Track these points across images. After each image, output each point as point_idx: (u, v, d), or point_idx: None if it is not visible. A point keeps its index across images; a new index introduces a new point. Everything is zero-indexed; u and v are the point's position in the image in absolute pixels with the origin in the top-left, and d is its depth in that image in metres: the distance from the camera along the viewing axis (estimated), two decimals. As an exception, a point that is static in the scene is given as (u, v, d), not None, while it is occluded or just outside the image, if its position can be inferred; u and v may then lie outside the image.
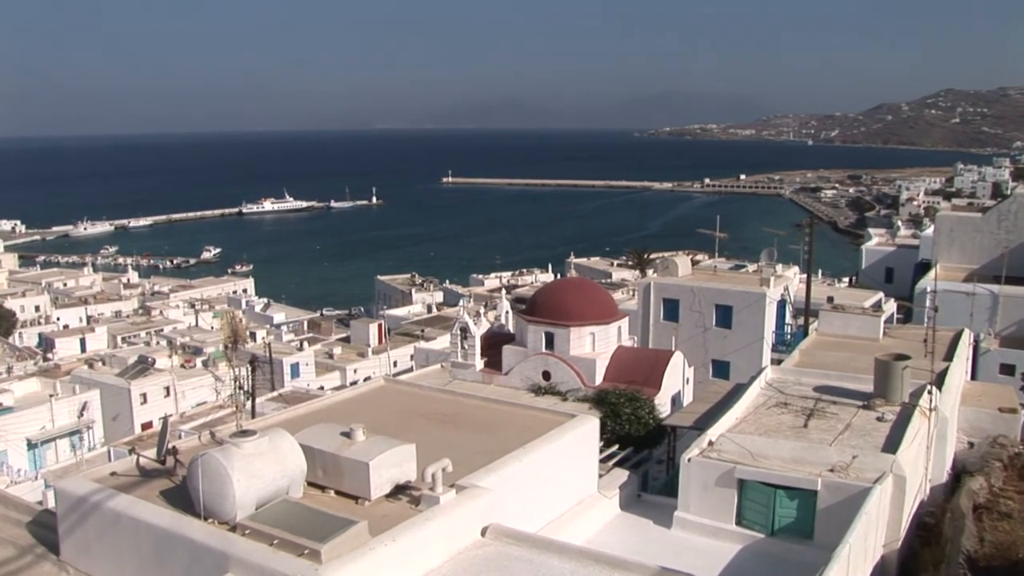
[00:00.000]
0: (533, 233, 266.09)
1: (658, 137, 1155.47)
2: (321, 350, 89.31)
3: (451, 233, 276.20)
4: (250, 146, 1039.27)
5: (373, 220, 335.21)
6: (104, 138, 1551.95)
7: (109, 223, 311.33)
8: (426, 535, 15.92)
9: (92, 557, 17.70)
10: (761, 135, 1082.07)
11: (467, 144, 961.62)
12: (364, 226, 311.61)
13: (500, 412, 24.97)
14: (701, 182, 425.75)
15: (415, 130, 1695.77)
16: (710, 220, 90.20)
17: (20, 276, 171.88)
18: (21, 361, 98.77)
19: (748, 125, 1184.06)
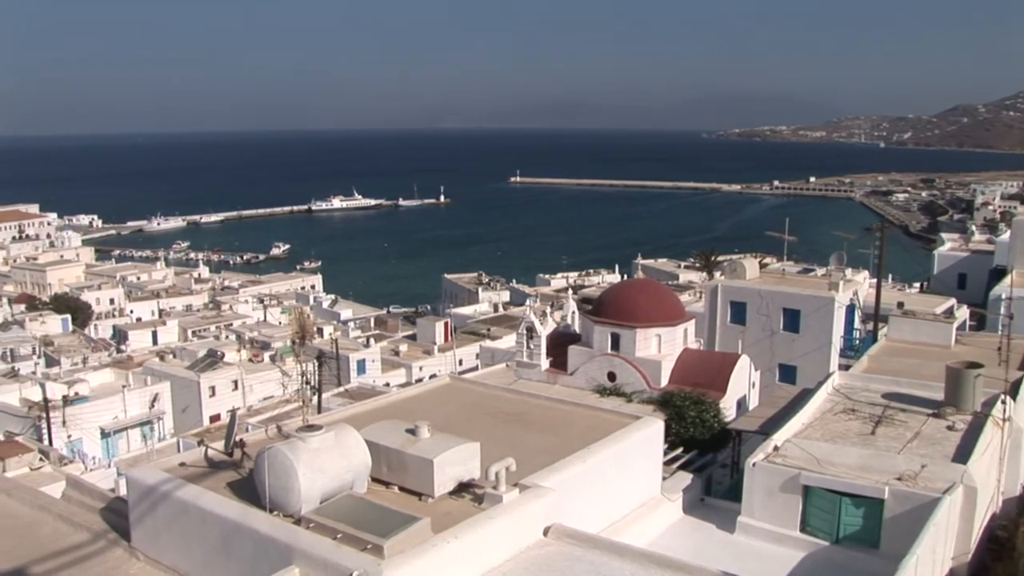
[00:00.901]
0: (600, 233, 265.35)
1: (727, 138, 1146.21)
2: (387, 347, 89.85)
3: (518, 232, 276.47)
4: (320, 144, 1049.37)
5: (441, 219, 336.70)
6: (177, 135, 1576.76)
7: (181, 219, 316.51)
8: (488, 533, 15.97)
9: (161, 545, 18.03)
10: (832, 137, 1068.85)
11: (534, 144, 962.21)
12: (432, 224, 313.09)
13: (565, 412, 24.95)
14: (770, 184, 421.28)
15: (483, 129, 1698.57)
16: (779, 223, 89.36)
17: (96, 269, 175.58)
18: (96, 352, 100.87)
19: (819, 127, 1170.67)
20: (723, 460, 34.39)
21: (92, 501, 21.31)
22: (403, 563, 14.28)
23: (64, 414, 66.33)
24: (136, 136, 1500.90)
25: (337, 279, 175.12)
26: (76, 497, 21.75)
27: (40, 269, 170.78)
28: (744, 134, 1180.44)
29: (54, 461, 43.28)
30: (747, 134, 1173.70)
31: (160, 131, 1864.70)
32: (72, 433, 66.41)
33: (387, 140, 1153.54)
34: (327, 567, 14.57)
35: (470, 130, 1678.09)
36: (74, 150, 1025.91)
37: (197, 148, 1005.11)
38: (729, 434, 33.78)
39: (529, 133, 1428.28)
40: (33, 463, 40.70)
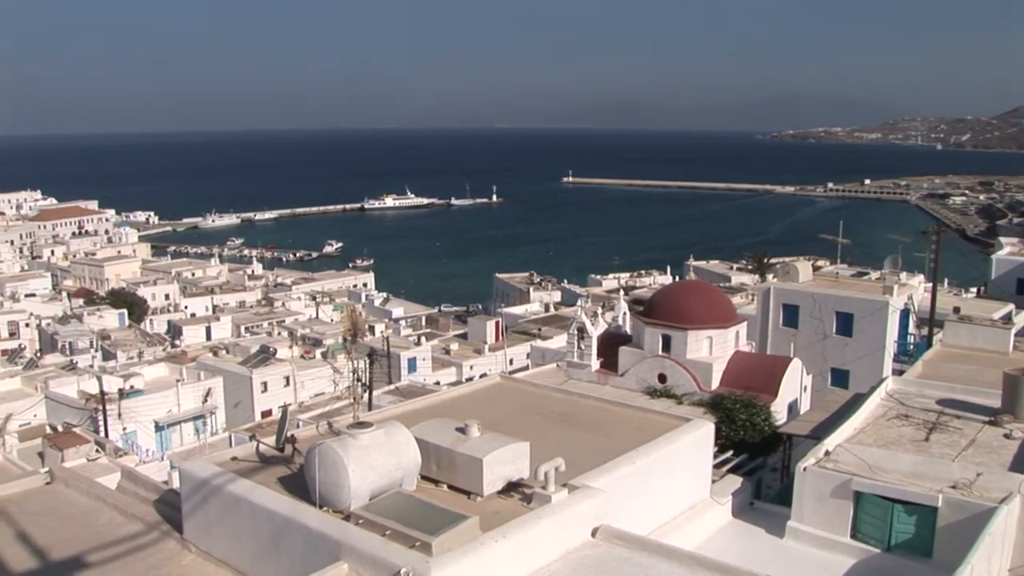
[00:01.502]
0: (652, 234, 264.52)
1: (781, 140, 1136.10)
2: (438, 345, 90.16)
3: (570, 233, 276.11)
4: (374, 143, 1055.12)
5: (493, 218, 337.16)
6: (232, 133, 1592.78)
7: (236, 216, 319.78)
8: (537, 533, 15.99)
9: (212, 537, 18.26)
10: (888, 139, 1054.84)
11: (587, 144, 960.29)
12: (484, 224, 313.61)
13: (614, 413, 24.93)
14: (824, 186, 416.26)
15: (535, 129, 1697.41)
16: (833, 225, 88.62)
17: (152, 265, 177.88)
18: (151, 347, 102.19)
19: (874, 128, 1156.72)
20: (773, 464, 34.17)
21: (146, 493, 21.65)
22: (451, 561, 14.35)
23: (120, 407, 67.31)
24: (190, 134, 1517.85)
25: (389, 277, 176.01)
26: (131, 488, 22.11)
27: (98, 264, 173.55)
28: (798, 135, 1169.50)
29: (110, 453, 43.93)
30: (801, 135, 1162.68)
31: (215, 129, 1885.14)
32: (127, 425, 67.37)
33: (440, 139, 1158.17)
34: (375, 563, 14.67)
35: (523, 130, 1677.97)
36: (131, 148, 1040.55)
37: (252, 146, 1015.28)
38: (780, 438, 33.55)
39: (582, 133, 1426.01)
40: (90, 454, 41.34)
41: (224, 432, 69.19)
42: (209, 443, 64.18)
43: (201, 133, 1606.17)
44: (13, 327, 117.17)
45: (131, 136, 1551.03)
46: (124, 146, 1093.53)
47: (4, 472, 29.62)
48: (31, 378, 78.39)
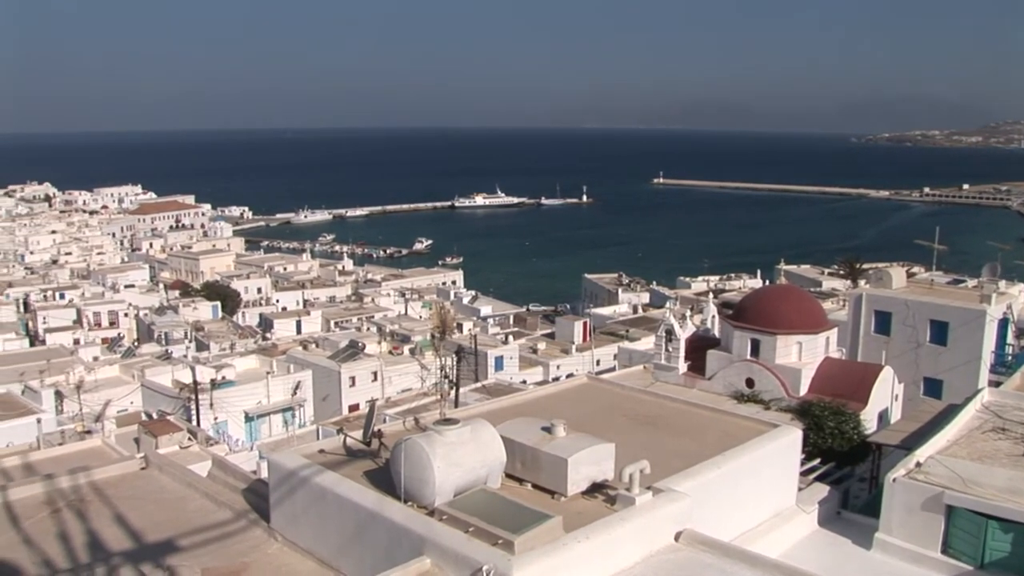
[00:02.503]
0: (742, 237, 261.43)
1: (876, 143, 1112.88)
2: (526, 344, 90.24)
3: (660, 234, 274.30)
4: (465, 142, 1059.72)
5: (583, 218, 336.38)
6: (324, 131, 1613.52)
7: (328, 212, 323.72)
8: (620, 535, 15.95)
9: (298, 528, 18.55)
10: (989, 142, 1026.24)
11: (678, 145, 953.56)
12: (573, 224, 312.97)
13: (701, 417, 24.77)
14: (920, 191, 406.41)
15: (626, 129, 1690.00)
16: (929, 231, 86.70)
17: (245, 259, 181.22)
18: (243, 339, 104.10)
19: (975, 132, 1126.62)
20: (861, 474, 33.63)
21: (235, 481, 22.08)
22: (533, 560, 14.38)
23: (212, 397, 68.60)
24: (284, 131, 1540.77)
25: (478, 275, 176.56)
26: (220, 477, 22.57)
27: (194, 257, 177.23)
28: (894, 139, 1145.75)
29: (201, 441, 44.88)
30: (897, 139, 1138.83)
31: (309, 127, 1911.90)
32: (218, 415, 68.63)
33: (530, 139, 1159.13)
34: (457, 560, 14.77)
35: (613, 130, 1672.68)
36: (228, 144, 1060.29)
37: (344, 144, 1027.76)
38: (869, 447, 32.99)
39: (674, 134, 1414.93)
40: (182, 442, 42.32)
41: (312, 425, 70.14)
42: (297, 435, 65.14)
43: (295, 130, 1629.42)
44: (113, 317, 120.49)
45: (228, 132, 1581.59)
46: (221, 142, 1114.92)
47: (102, 456, 30.59)
48: (129, 366, 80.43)
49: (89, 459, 28.48)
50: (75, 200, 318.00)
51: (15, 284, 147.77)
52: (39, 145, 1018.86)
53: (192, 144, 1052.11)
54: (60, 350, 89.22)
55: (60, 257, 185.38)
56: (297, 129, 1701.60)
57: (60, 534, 19.31)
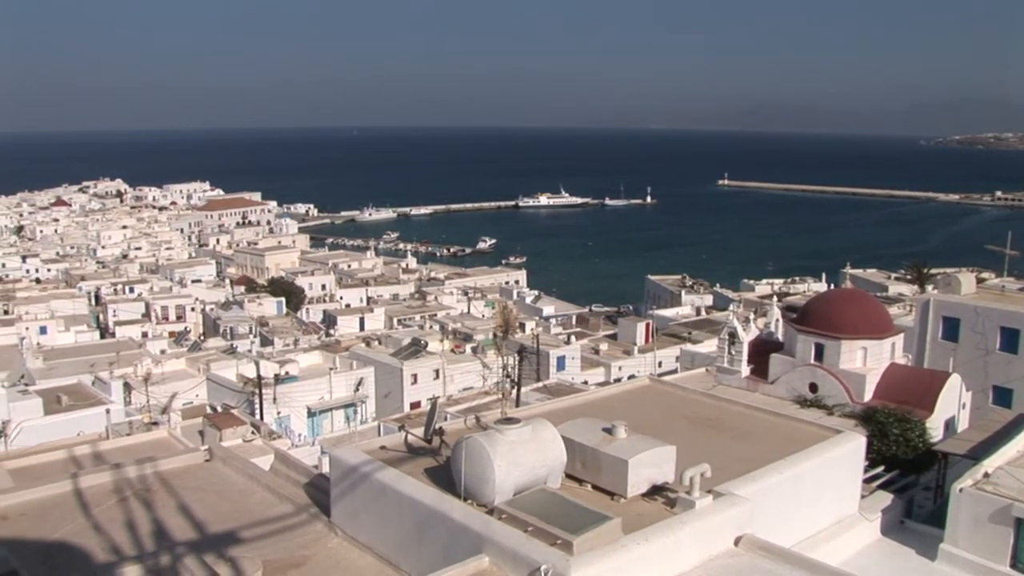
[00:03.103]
0: (808, 240, 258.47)
1: (946, 146, 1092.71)
2: (588, 345, 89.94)
3: (724, 236, 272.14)
4: (529, 141, 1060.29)
5: (646, 219, 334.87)
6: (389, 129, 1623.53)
7: (392, 210, 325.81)
8: (679, 538, 15.87)
9: (359, 523, 18.69)
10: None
11: (743, 146, 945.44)
12: (637, 225, 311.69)
13: (763, 421, 24.56)
14: (992, 195, 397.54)
15: (690, 130, 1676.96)
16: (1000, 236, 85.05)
17: (310, 256, 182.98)
18: (306, 335, 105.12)
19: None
20: (926, 483, 33.11)
21: (297, 476, 22.34)
22: (591, 561, 14.36)
23: (275, 391, 69.36)
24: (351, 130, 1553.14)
25: (541, 275, 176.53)
26: (283, 471, 22.85)
27: (259, 254, 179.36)
28: (965, 141, 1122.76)
29: (264, 435, 45.43)
30: (969, 141, 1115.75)
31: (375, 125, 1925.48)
32: (281, 410, 69.36)
33: (595, 139, 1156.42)
34: (516, 559, 14.79)
35: (677, 131, 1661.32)
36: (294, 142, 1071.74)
37: (409, 143, 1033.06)
38: (935, 456, 32.47)
39: (738, 136, 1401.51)
40: (246, 435, 42.86)
41: (374, 421, 70.66)
42: (359, 431, 65.70)
43: (361, 128, 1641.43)
44: (180, 311, 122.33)
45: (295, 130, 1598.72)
46: (288, 140, 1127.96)
47: (168, 447, 31.10)
48: (195, 360, 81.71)
49: (156, 450, 28.97)
50: (145, 196, 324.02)
51: (87, 278, 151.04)
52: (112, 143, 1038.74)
53: (260, 142, 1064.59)
54: (129, 343, 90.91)
55: (130, 252, 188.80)
56: (363, 127, 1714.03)
57: (127, 522, 19.69)
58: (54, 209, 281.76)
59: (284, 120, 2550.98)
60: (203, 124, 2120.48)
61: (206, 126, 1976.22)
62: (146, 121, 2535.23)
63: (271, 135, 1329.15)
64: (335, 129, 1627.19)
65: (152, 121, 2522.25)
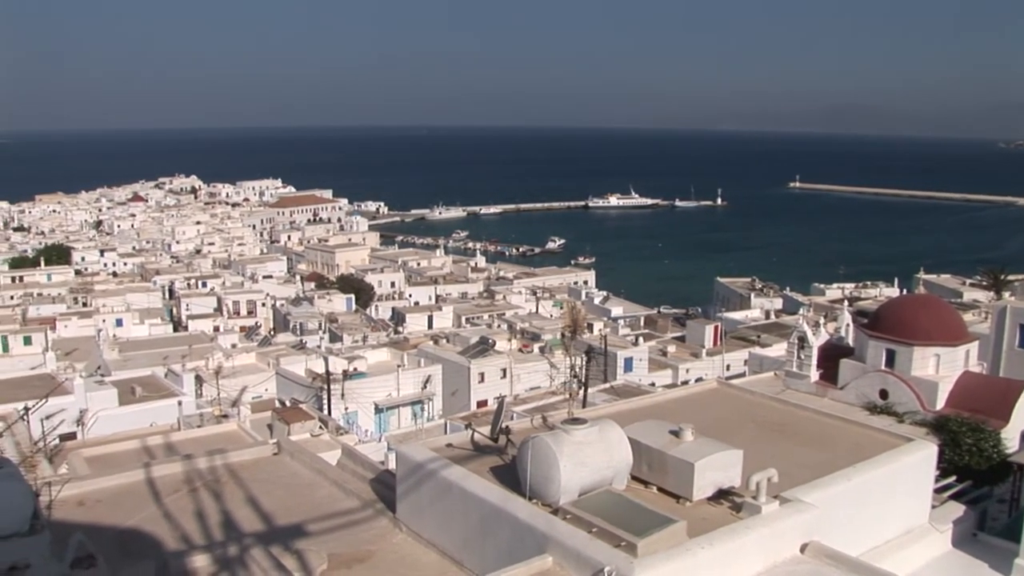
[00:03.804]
0: (881, 244, 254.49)
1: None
2: (655, 347, 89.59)
3: (794, 239, 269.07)
4: (600, 142, 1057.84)
5: (717, 221, 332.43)
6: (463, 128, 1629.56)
7: (462, 209, 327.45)
8: (744, 543, 15.74)
9: (424, 519, 18.78)
10: None
11: (815, 148, 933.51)
12: (707, 226, 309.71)
13: (832, 427, 24.25)
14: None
15: (760, 132, 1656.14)
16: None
17: (380, 254, 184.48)
18: (375, 332, 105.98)
19: None
20: (1001, 495, 32.44)
21: (363, 471, 22.52)
22: (655, 564, 14.29)
23: (343, 387, 69.98)
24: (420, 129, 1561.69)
25: (610, 276, 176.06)
26: (349, 466, 23.06)
27: (330, 251, 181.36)
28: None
29: (332, 430, 45.80)
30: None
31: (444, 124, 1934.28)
32: (349, 406, 69.95)
33: (665, 140, 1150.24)
34: (579, 560, 14.77)
35: (748, 132, 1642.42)
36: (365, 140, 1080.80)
37: (479, 142, 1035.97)
38: (1010, 467, 31.79)
39: (810, 138, 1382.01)
40: (313, 430, 43.19)
41: (440, 419, 70.99)
42: (425, 428, 66.09)
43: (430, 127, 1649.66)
44: (251, 306, 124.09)
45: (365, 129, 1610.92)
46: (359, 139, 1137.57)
47: (238, 440, 31.58)
48: (264, 354, 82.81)
49: (225, 442, 29.43)
50: (219, 193, 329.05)
51: (162, 272, 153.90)
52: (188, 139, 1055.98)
53: (331, 140, 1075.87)
54: (201, 336, 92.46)
55: (204, 247, 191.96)
56: (432, 126, 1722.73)
57: (197, 512, 20.03)
58: (131, 205, 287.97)
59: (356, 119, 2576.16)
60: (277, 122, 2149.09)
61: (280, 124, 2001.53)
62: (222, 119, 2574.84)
63: (342, 134, 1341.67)
64: (406, 128, 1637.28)
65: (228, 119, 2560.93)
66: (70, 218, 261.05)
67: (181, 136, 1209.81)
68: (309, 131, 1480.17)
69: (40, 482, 20.20)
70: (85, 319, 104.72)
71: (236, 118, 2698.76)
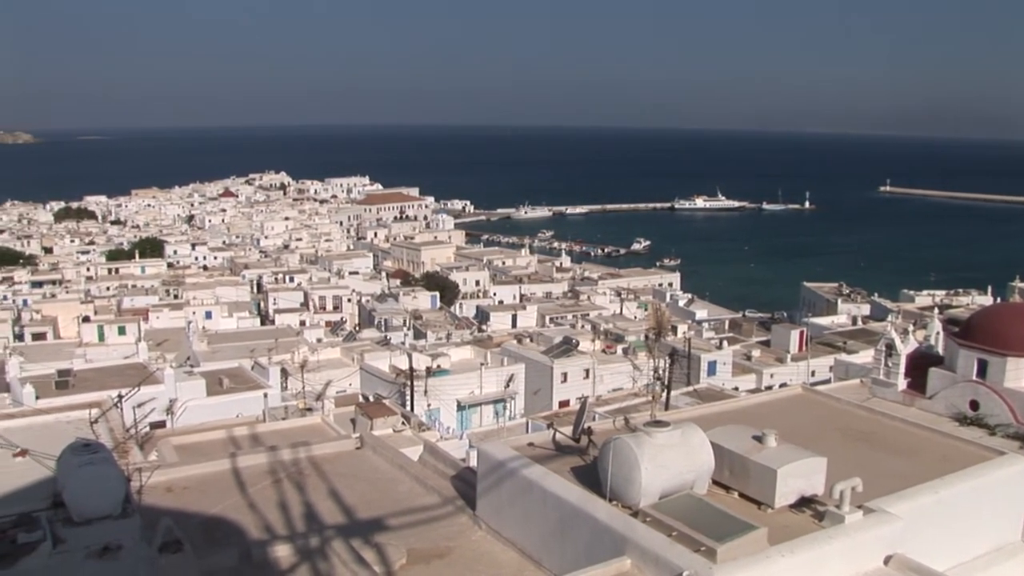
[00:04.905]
0: (974, 251, 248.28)
1: None
2: (740, 351, 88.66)
3: (884, 244, 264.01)
4: (686, 143, 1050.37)
5: (804, 225, 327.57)
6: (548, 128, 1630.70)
7: (548, 209, 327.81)
8: (826, 553, 15.50)
9: (503, 518, 18.84)
10: None
11: (907, 151, 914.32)
12: (794, 230, 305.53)
13: (919, 437, 23.79)
14: None
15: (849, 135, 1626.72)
16: None
17: (466, 252, 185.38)
18: (459, 329, 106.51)
19: None
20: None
21: (444, 468, 22.66)
22: (734, 570, 14.17)
23: (426, 384, 70.39)
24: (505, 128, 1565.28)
25: (694, 278, 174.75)
26: (431, 462, 23.22)
27: (416, 248, 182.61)
28: None
29: (414, 426, 46.23)
30: None
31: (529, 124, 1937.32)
32: (431, 402, 70.32)
33: (753, 142, 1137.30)
34: (658, 563, 14.70)
35: (837, 135, 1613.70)
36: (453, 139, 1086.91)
37: (565, 142, 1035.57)
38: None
39: (902, 141, 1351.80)
40: (396, 426, 43.71)
41: (522, 418, 71.06)
42: (507, 427, 66.17)
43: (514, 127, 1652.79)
44: (337, 301, 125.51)
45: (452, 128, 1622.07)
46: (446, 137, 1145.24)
47: (321, 433, 32.05)
48: (349, 350, 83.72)
49: (309, 435, 29.88)
50: (307, 189, 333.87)
51: (251, 266, 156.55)
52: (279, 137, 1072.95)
53: (418, 138, 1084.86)
54: (287, 330, 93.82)
55: (291, 242, 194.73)
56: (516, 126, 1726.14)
57: (279, 502, 20.35)
58: (222, 200, 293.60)
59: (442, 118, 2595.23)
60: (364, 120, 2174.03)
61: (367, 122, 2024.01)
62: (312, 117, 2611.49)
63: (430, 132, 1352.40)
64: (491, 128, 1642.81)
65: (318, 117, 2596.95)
66: (164, 212, 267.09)
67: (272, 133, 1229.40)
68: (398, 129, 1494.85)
69: (131, 468, 20.74)
70: (176, 311, 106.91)
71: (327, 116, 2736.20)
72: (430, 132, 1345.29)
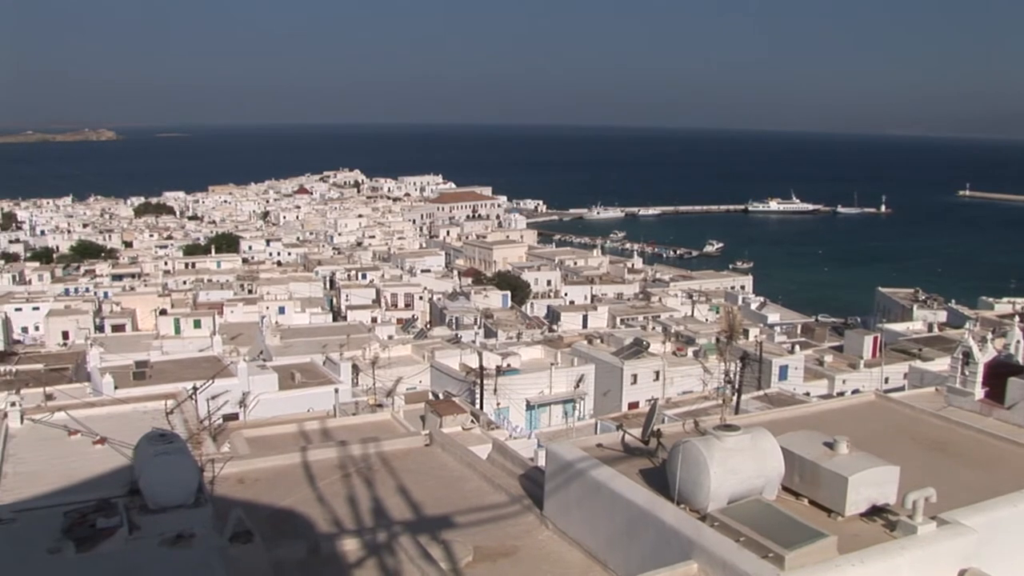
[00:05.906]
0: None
1: None
2: (812, 356, 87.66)
3: (962, 250, 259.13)
4: (760, 145, 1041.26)
5: (880, 229, 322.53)
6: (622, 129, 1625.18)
7: (620, 209, 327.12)
8: (897, 564, 15.21)
9: (570, 518, 18.80)
10: None
11: (988, 155, 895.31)
12: (870, 234, 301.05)
13: (997, 448, 23.27)
14: None
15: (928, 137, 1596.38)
16: None
17: (537, 252, 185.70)
18: (530, 329, 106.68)
19: None
20: None
21: (512, 467, 22.68)
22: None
23: (496, 383, 70.59)
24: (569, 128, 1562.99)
25: (767, 281, 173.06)
26: (499, 461, 23.25)
27: (487, 247, 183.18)
28: None
29: (483, 425, 46.46)
30: None
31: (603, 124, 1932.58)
32: (501, 401, 70.51)
33: (827, 144, 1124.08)
34: (725, 568, 14.57)
35: (916, 137, 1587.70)
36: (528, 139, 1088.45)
37: (639, 143, 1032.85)
38: None
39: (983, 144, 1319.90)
40: (465, 423, 43.93)
41: (591, 418, 70.91)
42: (576, 427, 66.12)
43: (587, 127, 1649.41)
44: (408, 299, 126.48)
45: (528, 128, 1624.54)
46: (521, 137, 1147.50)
47: (391, 429, 32.30)
48: (420, 347, 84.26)
49: (379, 431, 30.11)
50: (381, 187, 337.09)
51: (324, 263, 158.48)
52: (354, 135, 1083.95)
53: (493, 137, 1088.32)
54: (359, 326, 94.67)
55: (364, 240, 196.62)
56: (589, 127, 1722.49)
57: (348, 497, 20.54)
58: (297, 197, 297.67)
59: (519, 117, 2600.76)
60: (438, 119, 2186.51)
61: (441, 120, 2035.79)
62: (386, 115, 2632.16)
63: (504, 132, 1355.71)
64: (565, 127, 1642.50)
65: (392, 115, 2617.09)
66: (239, 208, 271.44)
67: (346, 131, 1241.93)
68: (472, 128, 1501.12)
69: (205, 458, 21.07)
70: (250, 305, 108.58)
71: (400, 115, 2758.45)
72: (505, 132, 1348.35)
